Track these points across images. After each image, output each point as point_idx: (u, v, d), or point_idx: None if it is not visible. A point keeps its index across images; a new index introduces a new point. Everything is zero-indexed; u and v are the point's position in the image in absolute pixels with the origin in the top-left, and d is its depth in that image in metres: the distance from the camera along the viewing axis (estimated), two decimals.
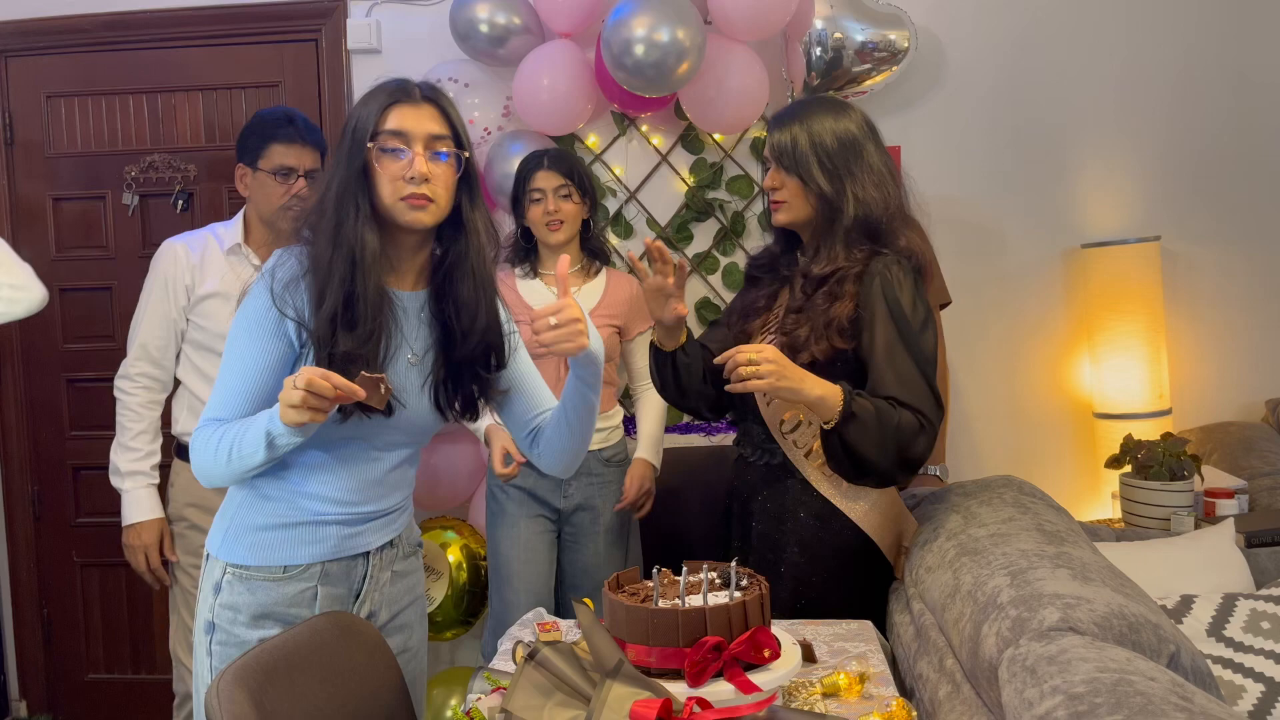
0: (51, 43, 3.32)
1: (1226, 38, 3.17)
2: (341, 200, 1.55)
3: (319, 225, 1.57)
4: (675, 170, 3.24)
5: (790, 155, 1.96)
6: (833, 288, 1.93)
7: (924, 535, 1.97)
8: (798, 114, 2.00)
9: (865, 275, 1.92)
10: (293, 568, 1.65)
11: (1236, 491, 2.58)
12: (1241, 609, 1.87)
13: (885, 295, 1.89)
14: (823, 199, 1.95)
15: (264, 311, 1.56)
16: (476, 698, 1.55)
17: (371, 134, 1.56)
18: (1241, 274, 3.22)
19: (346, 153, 1.57)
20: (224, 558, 1.66)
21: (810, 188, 1.95)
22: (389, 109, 1.58)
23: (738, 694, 1.33)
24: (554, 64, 2.91)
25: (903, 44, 3.00)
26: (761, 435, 2.04)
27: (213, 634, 1.65)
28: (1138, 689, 1.15)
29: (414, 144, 1.57)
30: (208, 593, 1.67)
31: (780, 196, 1.99)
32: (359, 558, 1.71)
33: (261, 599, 1.64)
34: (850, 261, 1.93)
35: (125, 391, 2.45)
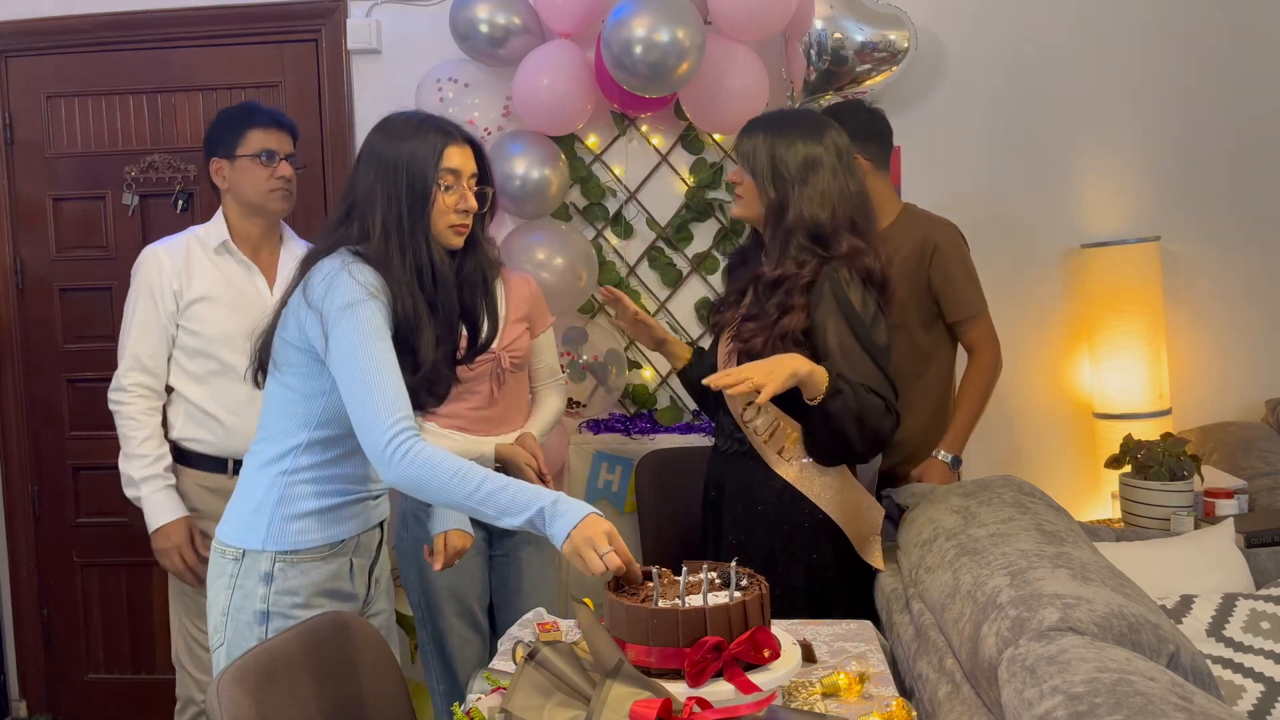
0: (51, 43, 3.32)
1: (1226, 38, 3.17)
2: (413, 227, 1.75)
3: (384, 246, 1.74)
4: (675, 170, 3.24)
5: (750, 160, 2.11)
6: (783, 298, 2.04)
7: (924, 535, 1.97)
8: (772, 126, 2.14)
9: (814, 284, 2.04)
10: (336, 544, 1.83)
11: (1236, 491, 2.58)
12: (1241, 609, 1.87)
13: (835, 295, 2.02)
14: (770, 204, 2.09)
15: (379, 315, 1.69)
16: (476, 698, 1.55)
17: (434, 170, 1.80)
18: (1241, 274, 3.22)
19: (407, 184, 1.75)
20: (271, 548, 1.78)
21: (762, 191, 2.10)
22: (446, 149, 1.78)
23: (738, 694, 1.33)
24: (554, 64, 2.91)
25: (903, 44, 3.00)
26: (730, 425, 2.17)
27: (268, 623, 1.77)
28: (1137, 689, 1.15)
29: (463, 180, 1.80)
30: (253, 585, 1.77)
31: (739, 192, 2.16)
32: (376, 528, 1.93)
33: (314, 578, 1.80)
34: (799, 269, 2.04)
35: (122, 403, 2.42)
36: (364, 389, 1.64)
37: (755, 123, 2.17)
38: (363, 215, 1.76)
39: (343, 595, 1.85)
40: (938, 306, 2.63)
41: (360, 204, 1.77)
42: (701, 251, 3.25)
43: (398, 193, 1.75)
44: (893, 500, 2.34)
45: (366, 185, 1.77)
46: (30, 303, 3.39)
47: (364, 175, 1.78)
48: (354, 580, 1.87)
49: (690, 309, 3.25)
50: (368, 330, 1.66)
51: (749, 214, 2.15)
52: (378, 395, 1.63)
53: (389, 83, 3.27)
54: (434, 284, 1.76)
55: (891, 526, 2.32)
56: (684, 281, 3.26)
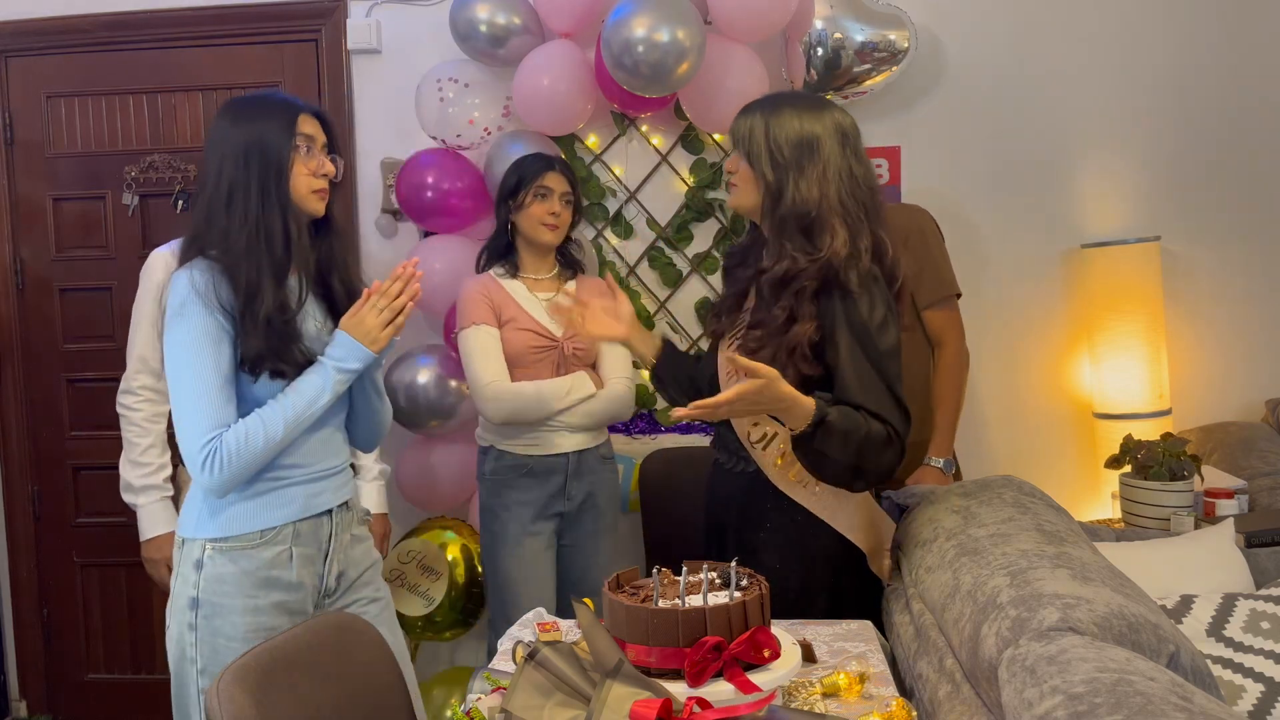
0: (51, 43, 3.33)
1: (1226, 38, 3.17)
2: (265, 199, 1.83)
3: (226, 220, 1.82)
4: (675, 170, 3.24)
5: (745, 142, 1.95)
6: (790, 300, 1.87)
7: (924, 535, 1.97)
8: (767, 105, 1.98)
9: (822, 291, 1.87)
10: (268, 531, 1.84)
11: (1236, 491, 2.58)
12: (1241, 609, 1.87)
13: (844, 308, 1.86)
14: (768, 188, 1.92)
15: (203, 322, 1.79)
16: (476, 698, 1.55)
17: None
18: (1241, 274, 3.22)
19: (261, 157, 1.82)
20: (201, 535, 1.83)
21: (758, 175, 1.93)
22: (298, 116, 1.87)
23: (738, 694, 1.33)
24: (554, 64, 2.91)
25: (903, 44, 3.00)
26: (735, 443, 2.03)
27: (198, 609, 1.80)
28: (1137, 689, 1.15)
29: (317, 146, 1.90)
30: (189, 572, 1.81)
31: (734, 180, 1.99)
32: (323, 517, 1.91)
33: (244, 566, 1.81)
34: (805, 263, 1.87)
35: (129, 407, 2.42)
36: (179, 402, 1.76)
37: (751, 105, 2.01)
38: (208, 200, 1.82)
39: (283, 585, 1.85)
40: (912, 300, 2.63)
41: (205, 189, 1.83)
42: (701, 251, 3.25)
43: (249, 169, 1.80)
44: (893, 500, 2.34)
45: (214, 169, 1.82)
46: (30, 303, 3.40)
47: (211, 161, 1.83)
48: (294, 570, 1.86)
49: (690, 309, 3.25)
50: (188, 340, 1.76)
51: (745, 203, 1.98)
52: (190, 410, 1.75)
53: (389, 83, 3.27)
54: (286, 249, 1.82)
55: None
56: (684, 281, 3.26)
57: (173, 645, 1.85)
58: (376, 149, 3.30)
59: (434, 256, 2.98)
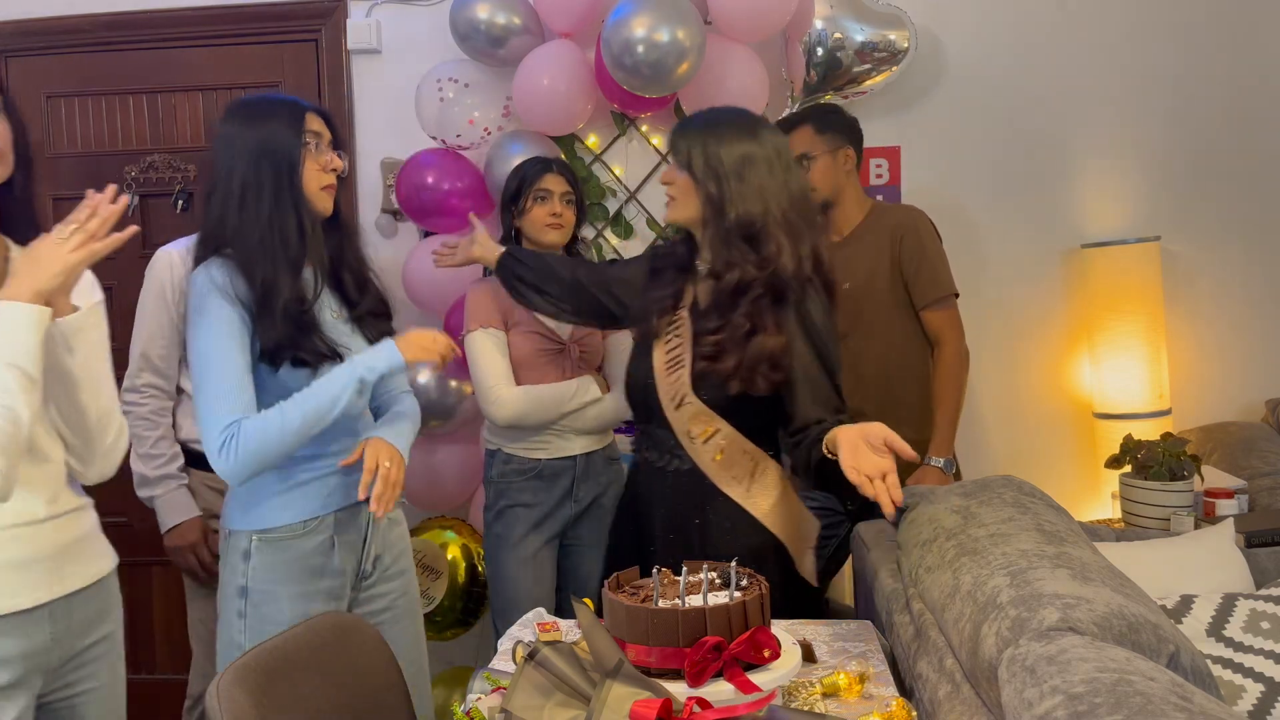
0: (51, 43, 3.33)
1: (1226, 38, 3.17)
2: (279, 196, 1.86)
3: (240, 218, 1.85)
4: None
5: (687, 155, 2.00)
6: (750, 308, 1.92)
7: (924, 535, 1.96)
8: (707, 120, 2.04)
9: (780, 300, 1.93)
10: (310, 521, 1.88)
11: (1236, 491, 2.58)
12: (1241, 609, 1.87)
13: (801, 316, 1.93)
14: (709, 200, 1.97)
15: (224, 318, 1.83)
16: (476, 698, 1.55)
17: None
18: (1241, 274, 3.22)
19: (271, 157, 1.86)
20: (246, 527, 1.88)
21: (700, 188, 1.98)
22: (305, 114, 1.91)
23: (738, 694, 1.33)
24: (554, 64, 2.91)
25: (903, 44, 3.00)
26: (670, 441, 2.04)
27: (247, 596, 1.85)
28: (1137, 689, 1.15)
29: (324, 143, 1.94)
30: (237, 562, 1.86)
31: (672, 192, 2.03)
32: (363, 504, 1.91)
33: (290, 555, 1.87)
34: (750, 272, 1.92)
35: (134, 404, 2.41)
36: (201, 391, 1.79)
37: (689, 121, 2.08)
38: (222, 201, 1.85)
39: (329, 573, 1.90)
40: (910, 296, 2.64)
41: (218, 190, 1.85)
42: None
43: (261, 168, 1.83)
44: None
45: (225, 170, 1.85)
46: None
47: (222, 164, 1.86)
48: (338, 557, 1.91)
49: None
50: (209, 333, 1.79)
51: (685, 215, 2.02)
52: (211, 398, 1.79)
53: (389, 83, 3.27)
54: (300, 244, 1.85)
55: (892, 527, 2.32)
56: None
57: (222, 632, 1.90)
58: (376, 149, 3.30)
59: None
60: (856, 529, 2.52)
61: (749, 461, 2.00)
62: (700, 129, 2.01)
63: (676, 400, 2.01)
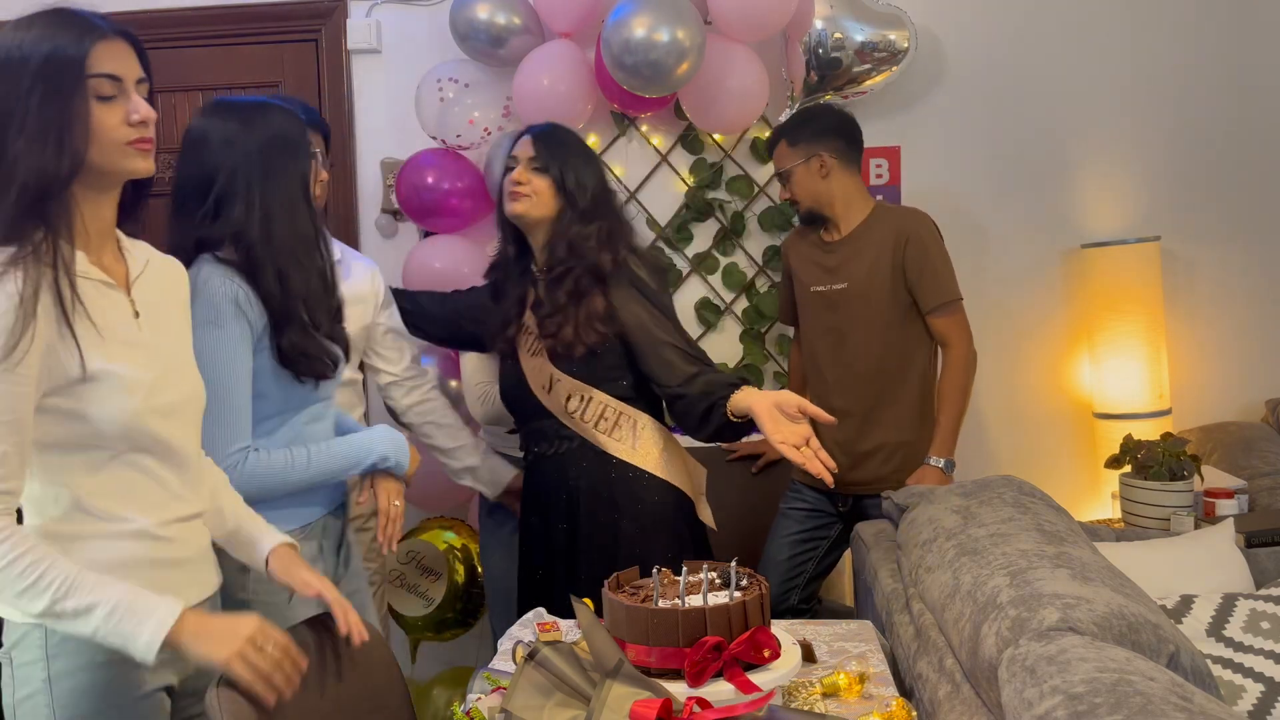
0: None
1: (1227, 37, 3.18)
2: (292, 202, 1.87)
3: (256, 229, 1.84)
4: (675, 170, 3.24)
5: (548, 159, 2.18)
6: (572, 285, 2.14)
7: (924, 535, 1.97)
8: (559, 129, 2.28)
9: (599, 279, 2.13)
10: (304, 527, 1.88)
11: (1236, 491, 2.58)
12: (1241, 609, 1.87)
13: (631, 280, 2.14)
14: (563, 205, 2.17)
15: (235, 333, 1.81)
16: (476, 698, 1.55)
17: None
18: (1241, 274, 3.22)
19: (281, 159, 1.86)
20: None
21: (559, 191, 2.17)
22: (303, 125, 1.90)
23: (738, 694, 1.33)
24: (554, 64, 2.91)
25: (903, 44, 3.00)
26: (553, 426, 2.19)
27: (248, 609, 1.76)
28: (1137, 689, 1.15)
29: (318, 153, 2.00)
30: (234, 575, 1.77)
31: (527, 190, 2.17)
32: (341, 508, 1.98)
33: None
34: (572, 265, 2.14)
35: None
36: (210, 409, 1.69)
37: (544, 127, 2.27)
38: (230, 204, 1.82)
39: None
40: (914, 300, 2.63)
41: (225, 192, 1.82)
42: (702, 251, 3.25)
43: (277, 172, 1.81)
44: (893, 500, 2.34)
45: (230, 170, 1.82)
46: None
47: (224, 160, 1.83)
48: (325, 561, 1.93)
49: (690, 309, 3.25)
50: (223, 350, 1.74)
51: (534, 211, 2.17)
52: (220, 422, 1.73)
53: (389, 83, 3.27)
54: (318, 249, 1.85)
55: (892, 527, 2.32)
56: (684, 281, 3.26)
57: None
58: (376, 149, 3.30)
59: (434, 256, 2.98)
60: (856, 529, 2.52)
61: (627, 421, 2.15)
62: (558, 134, 2.24)
63: (546, 385, 2.17)
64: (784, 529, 2.76)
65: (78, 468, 1.39)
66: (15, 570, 1.28)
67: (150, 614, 1.32)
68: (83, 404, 1.36)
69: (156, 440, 1.44)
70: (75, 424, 1.37)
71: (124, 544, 1.42)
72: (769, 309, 3.21)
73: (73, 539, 1.39)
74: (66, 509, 1.40)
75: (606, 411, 2.15)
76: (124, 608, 1.31)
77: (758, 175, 3.22)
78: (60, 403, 1.36)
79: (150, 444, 1.44)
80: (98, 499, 1.40)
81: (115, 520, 1.42)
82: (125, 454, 1.42)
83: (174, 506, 1.49)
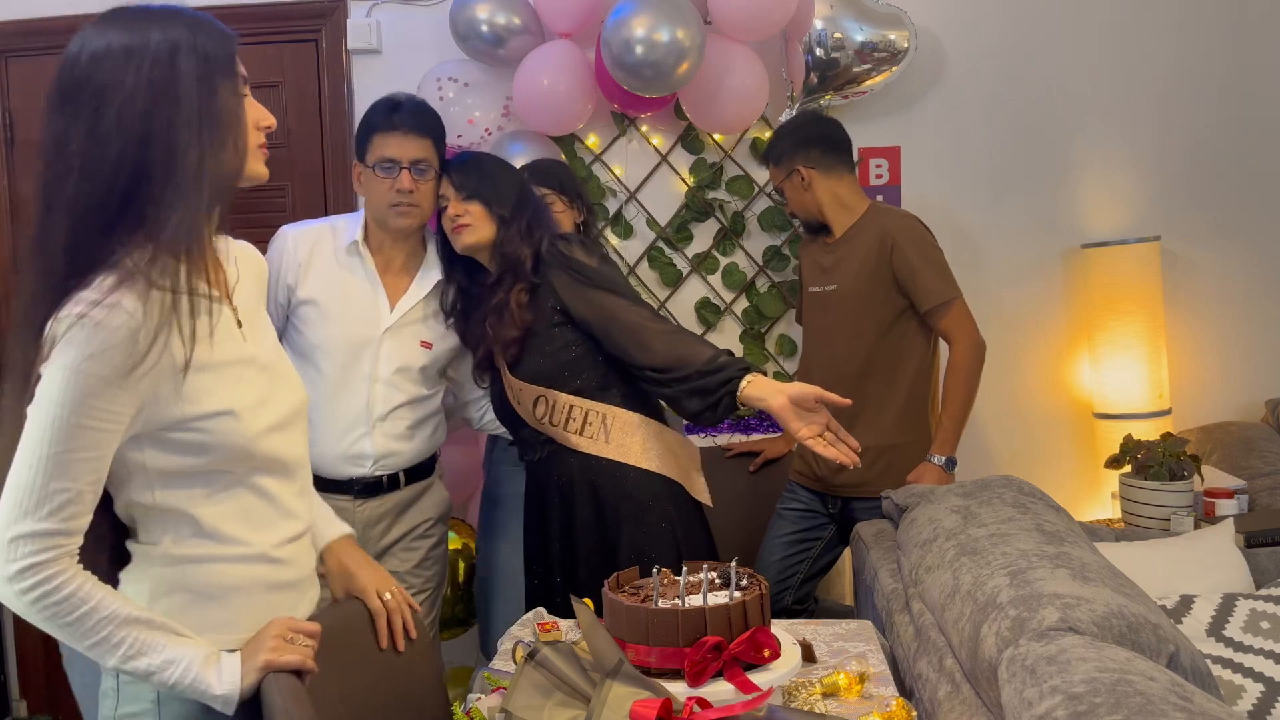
0: (51, 43, 3.30)
1: (1226, 38, 3.18)
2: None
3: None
4: (675, 170, 3.24)
5: (472, 188, 2.20)
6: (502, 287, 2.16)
7: (924, 535, 1.97)
8: (479, 156, 2.33)
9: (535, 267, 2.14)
10: None
11: (1236, 491, 2.58)
12: (1241, 609, 1.87)
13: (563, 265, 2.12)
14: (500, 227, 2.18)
15: None
16: (477, 698, 1.56)
17: None
18: (1241, 274, 3.22)
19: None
20: None
21: (494, 216, 2.19)
22: None
23: (738, 694, 1.33)
24: (554, 64, 2.91)
25: (903, 44, 3.00)
26: (533, 435, 2.19)
27: None
28: (1137, 689, 1.15)
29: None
30: None
31: (466, 220, 2.19)
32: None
33: None
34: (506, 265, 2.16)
35: None
36: None
37: (465, 156, 2.31)
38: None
39: None
40: (908, 301, 2.61)
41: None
42: (701, 251, 3.25)
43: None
44: (893, 500, 2.34)
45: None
46: None
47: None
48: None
49: (690, 309, 3.25)
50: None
51: (481, 239, 2.19)
52: None
53: (389, 83, 3.25)
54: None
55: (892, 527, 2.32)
56: (684, 281, 3.26)
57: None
58: None
59: None
60: (856, 529, 2.52)
61: (595, 416, 2.13)
62: (482, 162, 2.28)
63: (517, 397, 2.18)
64: (778, 529, 2.77)
65: (198, 494, 1.36)
66: (84, 626, 1.26)
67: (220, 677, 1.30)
68: (203, 436, 1.32)
69: (273, 459, 1.40)
70: (196, 456, 1.33)
71: (243, 568, 1.39)
72: (769, 309, 3.22)
73: (196, 562, 1.36)
74: (189, 534, 1.36)
75: (573, 411, 2.13)
76: (196, 673, 1.29)
77: (758, 175, 3.22)
78: (180, 436, 1.31)
79: (268, 464, 1.40)
80: (218, 523, 1.37)
81: (235, 544, 1.38)
82: (245, 477, 1.38)
83: (287, 526, 1.45)
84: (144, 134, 1.23)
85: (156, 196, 1.24)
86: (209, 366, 1.32)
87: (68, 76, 1.26)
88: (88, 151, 1.24)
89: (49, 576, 1.23)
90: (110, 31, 1.26)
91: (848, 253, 2.65)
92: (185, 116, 1.25)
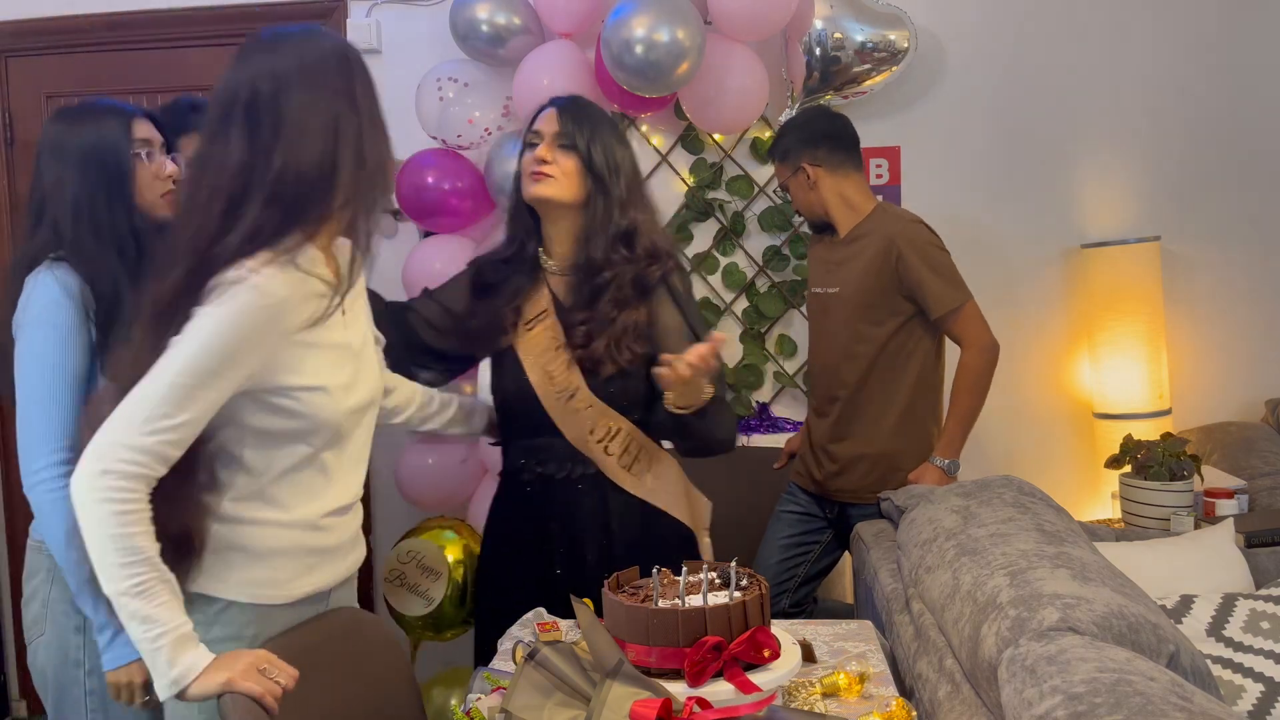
0: (51, 43, 3.32)
1: (1226, 38, 3.18)
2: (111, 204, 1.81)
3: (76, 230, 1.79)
4: (675, 170, 3.24)
5: (572, 139, 1.94)
6: (615, 294, 1.92)
7: (924, 535, 1.97)
8: (596, 115, 2.01)
9: (642, 280, 1.93)
10: None
11: (1236, 491, 2.58)
12: (1241, 609, 1.87)
13: (673, 294, 1.95)
14: (590, 191, 1.93)
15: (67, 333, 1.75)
16: (476, 698, 1.55)
17: None
18: (1241, 274, 3.22)
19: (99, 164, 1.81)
20: None
21: (585, 174, 1.93)
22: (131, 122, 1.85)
23: (738, 694, 1.33)
24: (554, 64, 2.91)
25: (903, 44, 3.00)
26: (567, 449, 1.96)
27: None
28: (1137, 689, 1.15)
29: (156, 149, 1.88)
30: None
31: (551, 170, 1.93)
32: None
33: None
34: (616, 264, 1.92)
35: None
36: (33, 411, 1.65)
37: (576, 105, 2.01)
38: (54, 211, 1.76)
39: None
40: (914, 309, 2.58)
41: (49, 200, 1.78)
42: (701, 251, 3.25)
43: (90, 176, 1.76)
44: (893, 501, 2.34)
45: (53, 178, 1.78)
46: None
47: (49, 170, 1.79)
48: None
49: None
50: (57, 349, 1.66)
51: (562, 195, 1.92)
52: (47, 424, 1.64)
53: (389, 83, 3.25)
54: (138, 255, 1.75)
55: (892, 527, 2.32)
56: None
57: None
58: None
59: (434, 256, 2.98)
60: (856, 529, 2.52)
61: (646, 456, 1.99)
62: (591, 119, 1.97)
63: (568, 393, 1.93)
64: (777, 532, 2.76)
65: (277, 459, 1.50)
66: (121, 545, 1.33)
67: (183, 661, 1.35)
68: (296, 405, 1.47)
69: (347, 438, 1.55)
70: (287, 419, 1.47)
71: (287, 533, 1.52)
72: (769, 309, 3.22)
73: (249, 524, 1.50)
74: (250, 494, 1.50)
75: (630, 445, 1.95)
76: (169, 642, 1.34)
77: (758, 175, 3.22)
78: (277, 401, 1.46)
79: (341, 442, 1.55)
80: (279, 489, 1.51)
81: (286, 509, 1.52)
82: (320, 450, 1.53)
83: (335, 496, 1.57)
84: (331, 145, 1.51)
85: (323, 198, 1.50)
86: (316, 345, 1.49)
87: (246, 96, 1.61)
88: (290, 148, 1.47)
89: (129, 488, 1.34)
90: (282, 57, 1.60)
91: (852, 255, 2.62)
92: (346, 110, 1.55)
